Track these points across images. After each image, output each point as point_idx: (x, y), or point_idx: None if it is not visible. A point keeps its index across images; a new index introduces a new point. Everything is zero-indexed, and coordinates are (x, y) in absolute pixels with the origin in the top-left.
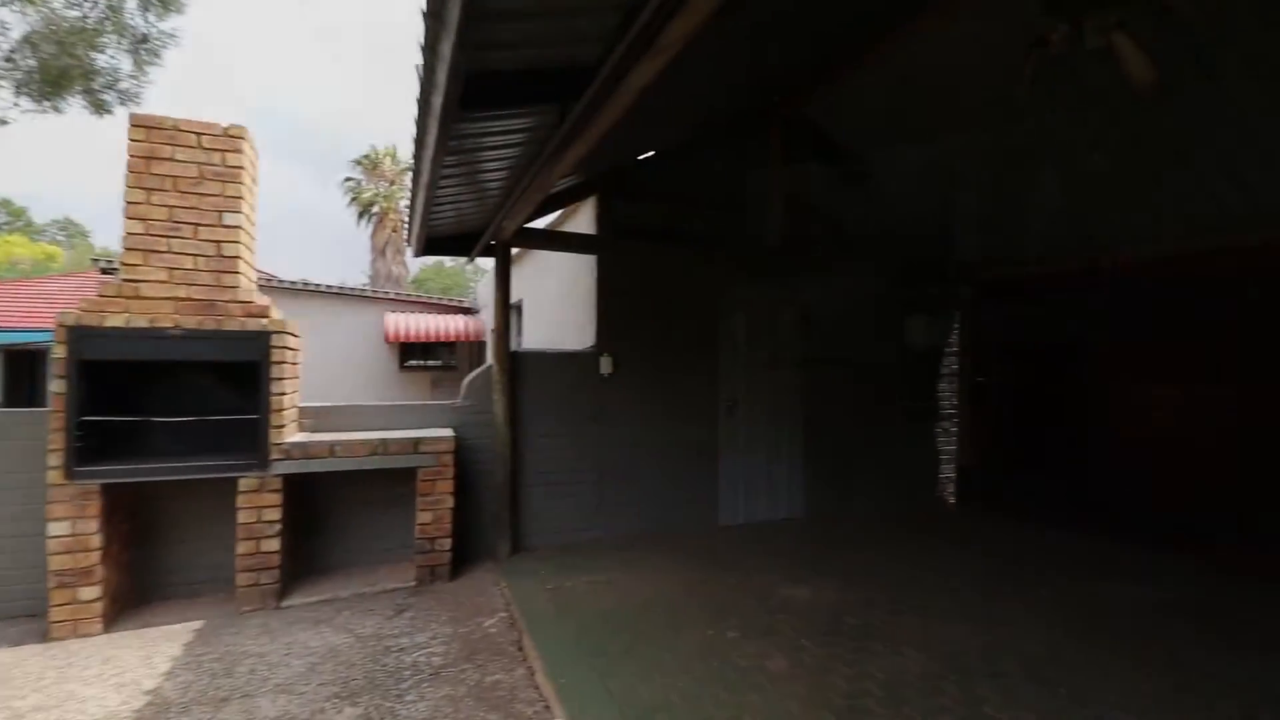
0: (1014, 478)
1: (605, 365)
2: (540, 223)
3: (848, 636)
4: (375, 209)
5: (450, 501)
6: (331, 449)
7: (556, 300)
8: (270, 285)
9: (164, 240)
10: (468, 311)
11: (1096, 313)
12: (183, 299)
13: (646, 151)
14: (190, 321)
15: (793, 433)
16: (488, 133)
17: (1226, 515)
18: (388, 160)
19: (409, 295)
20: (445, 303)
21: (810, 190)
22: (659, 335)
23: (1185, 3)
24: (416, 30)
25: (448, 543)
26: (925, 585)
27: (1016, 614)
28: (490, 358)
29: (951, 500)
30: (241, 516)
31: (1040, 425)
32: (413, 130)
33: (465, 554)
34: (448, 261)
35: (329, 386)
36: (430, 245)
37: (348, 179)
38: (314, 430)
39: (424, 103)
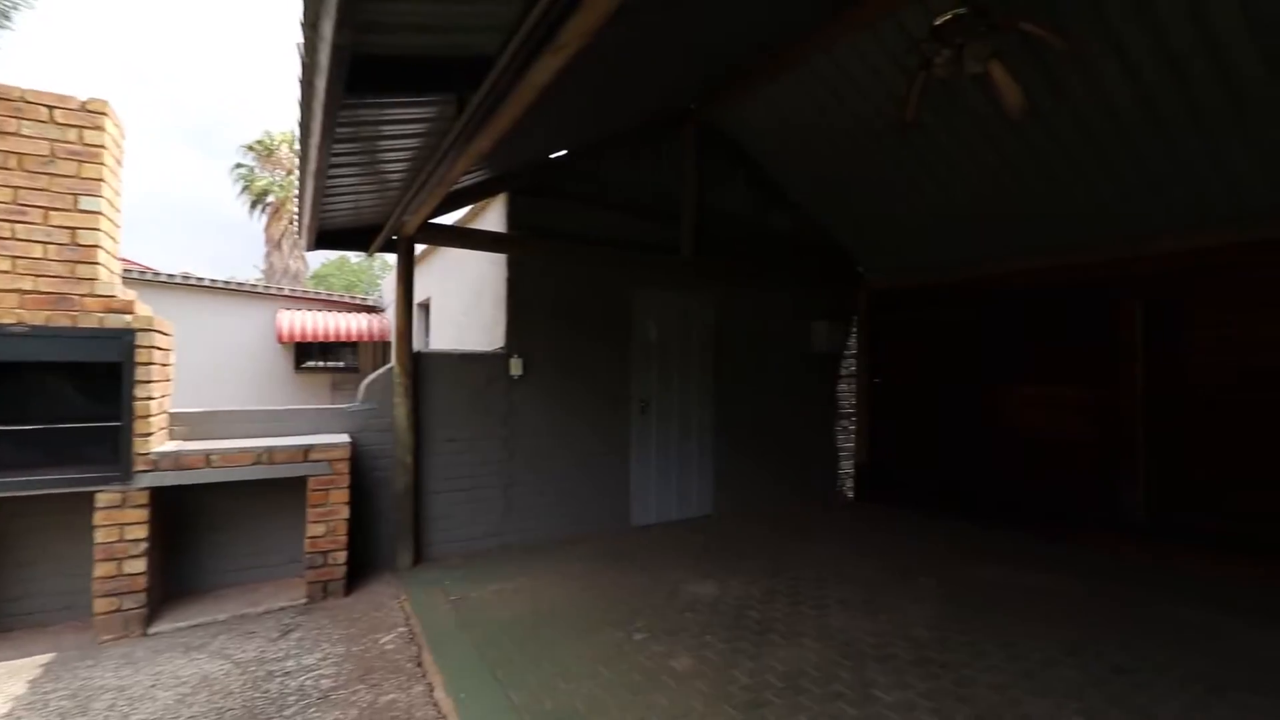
0: (906, 472)
1: (515, 367)
2: (450, 219)
3: (751, 630)
4: (270, 199)
5: (345, 512)
6: (208, 459)
7: (466, 300)
8: (145, 279)
9: (7, 225)
10: (372, 310)
11: (977, 319)
12: (28, 292)
13: (558, 150)
14: (38, 317)
15: (704, 433)
16: (384, 120)
17: (1087, 503)
18: (284, 146)
19: (305, 292)
20: (347, 300)
21: (722, 197)
22: (571, 337)
23: (1050, 37)
24: (298, 6)
25: (342, 556)
26: (824, 576)
27: (906, 600)
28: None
29: (850, 494)
30: (100, 535)
31: (930, 423)
32: (297, 114)
33: (362, 567)
34: (353, 257)
35: (212, 391)
36: (324, 239)
37: (239, 166)
38: (189, 438)
39: (307, 85)
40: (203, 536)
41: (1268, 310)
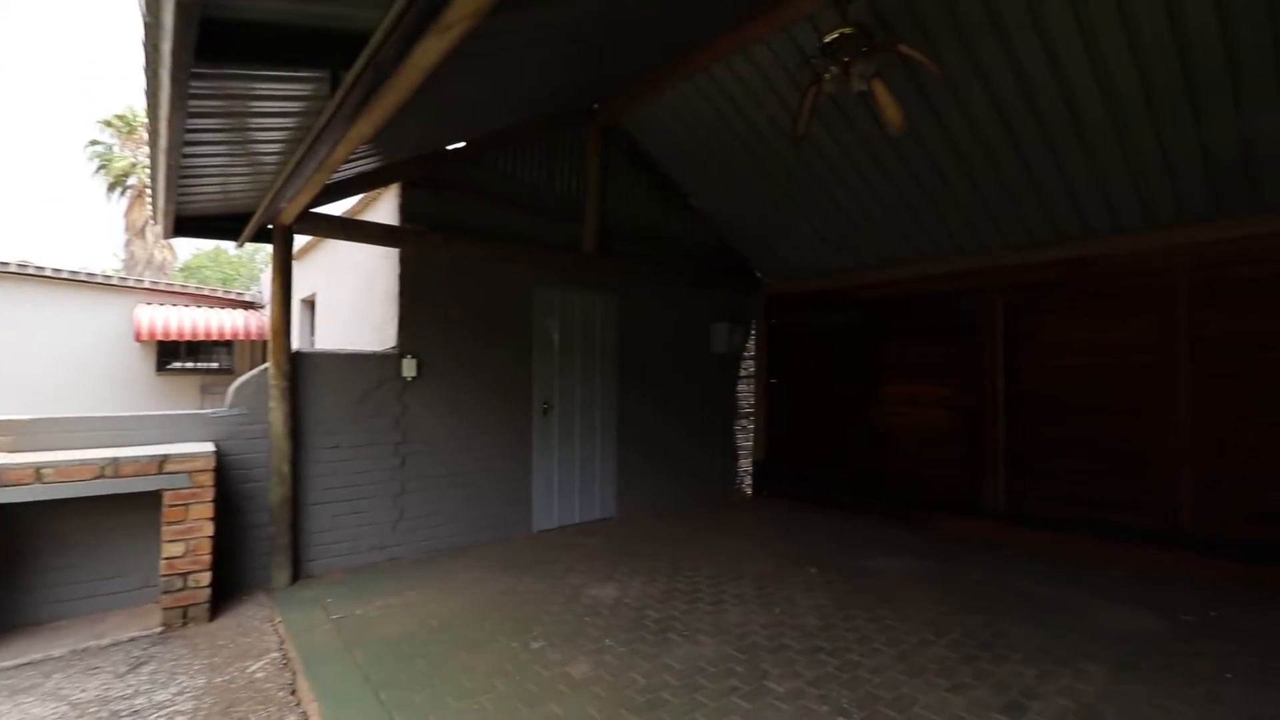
0: (800, 468)
1: (409, 368)
2: (337, 208)
3: (650, 631)
4: (131, 181)
5: (209, 528)
6: (38, 473)
7: (357, 297)
8: None
9: None
10: (250, 306)
11: (861, 322)
12: None
13: (456, 141)
14: None
15: (607, 434)
16: (255, 95)
17: (957, 492)
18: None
19: (171, 285)
20: (220, 295)
21: (626, 198)
22: (470, 336)
23: (925, 61)
24: None
25: (205, 577)
26: (721, 573)
27: (798, 591)
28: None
29: (749, 491)
30: None
31: (822, 421)
32: (143, 82)
33: (230, 588)
34: (231, 247)
35: (55, 394)
36: (187, 225)
37: (94, 143)
38: (14, 450)
39: (151, 48)
40: (38, 563)
41: (1089, 320)
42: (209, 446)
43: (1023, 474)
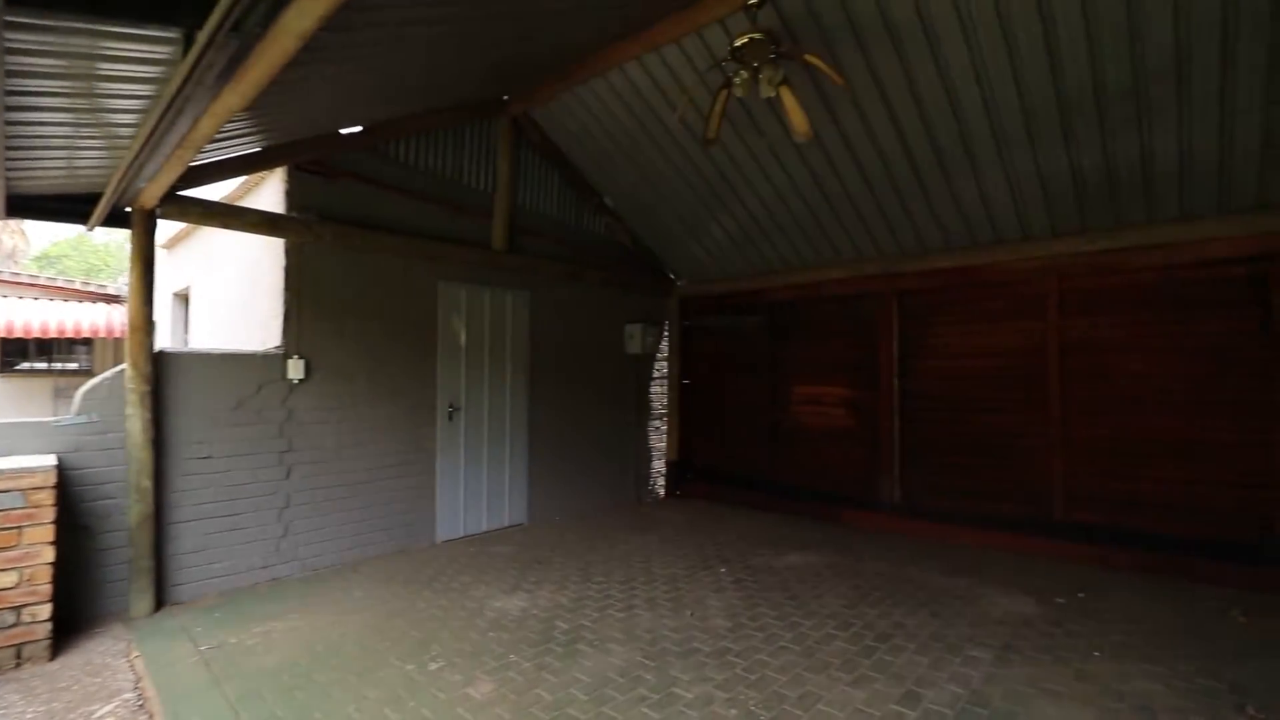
0: (712, 468)
1: (295, 369)
2: (216, 193)
3: (558, 643)
4: None
5: (48, 554)
6: None
7: (238, 291)
8: None
9: None
10: (115, 300)
11: (769, 324)
12: None
13: (351, 124)
14: None
15: (517, 438)
16: (101, 55)
17: (858, 487)
18: None
19: (18, 275)
20: (79, 288)
21: (539, 194)
22: (367, 335)
23: (830, 73)
24: None
25: (45, 610)
26: (633, 577)
27: (708, 591)
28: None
29: (662, 493)
30: None
31: (733, 421)
32: None
33: (78, 620)
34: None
35: None
36: (25, 205)
37: None
38: None
39: None
40: None
41: (975, 324)
42: (50, 460)
43: (916, 469)
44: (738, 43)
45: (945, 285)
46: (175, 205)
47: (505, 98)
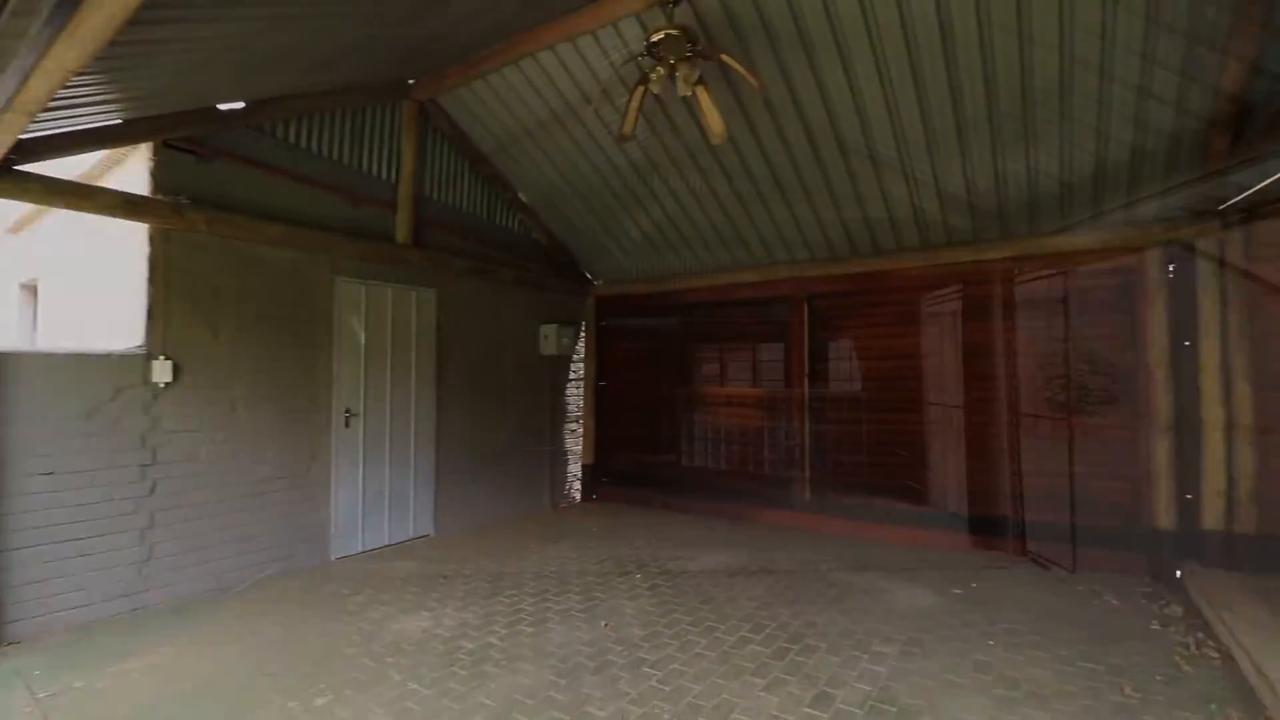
0: (628, 470)
1: (160, 372)
2: (69, 170)
3: (463, 666)
4: None
5: None
6: None
7: (99, 284)
8: None
9: None
10: None
11: (685, 327)
12: None
13: (230, 99)
14: None
15: (423, 444)
16: None
17: (771, 488)
18: None
19: None
20: None
21: (448, 186)
22: (248, 334)
23: (746, 75)
24: None
25: None
26: (546, 587)
27: (623, 599)
28: None
29: (578, 497)
30: None
31: (649, 423)
32: None
33: None
34: None
35: None
36: None
37: None
38: None
39: None
40: None
41: (879, 327)
42: None
43: (824, 468)
44: (654, 38)
45: (854, 290)
46: (9, 181)
47: (410, 81)
